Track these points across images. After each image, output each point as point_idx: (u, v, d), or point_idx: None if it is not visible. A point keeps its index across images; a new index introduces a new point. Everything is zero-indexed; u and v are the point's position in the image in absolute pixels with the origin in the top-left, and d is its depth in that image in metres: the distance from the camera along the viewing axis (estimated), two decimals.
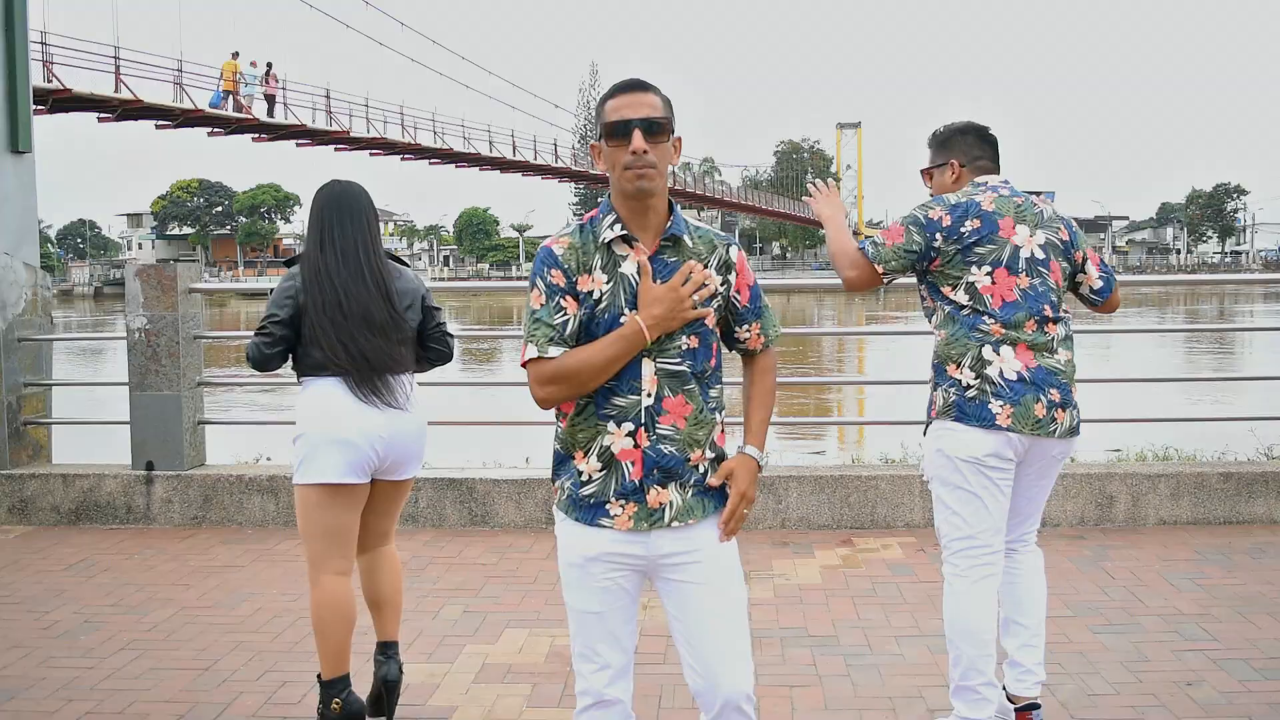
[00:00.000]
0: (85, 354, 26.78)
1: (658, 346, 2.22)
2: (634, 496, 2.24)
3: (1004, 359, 3.05)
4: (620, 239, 2.25)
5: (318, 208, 3.32)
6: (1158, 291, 51.42)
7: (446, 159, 50.36)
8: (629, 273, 2.23)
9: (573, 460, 2.29)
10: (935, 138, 3.40)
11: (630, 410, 2.22)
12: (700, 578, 2.28)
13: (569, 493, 2.30)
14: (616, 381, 2.22)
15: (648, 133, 2.20)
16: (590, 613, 2.31)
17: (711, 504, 2.30)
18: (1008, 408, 3.02)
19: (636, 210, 2.24)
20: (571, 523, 2.30)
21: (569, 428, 2.28)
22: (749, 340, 2.40)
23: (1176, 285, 61.29)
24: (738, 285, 2.33)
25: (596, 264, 2.24)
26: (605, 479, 2.25)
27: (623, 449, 2.23)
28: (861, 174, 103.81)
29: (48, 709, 3.54)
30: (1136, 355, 22.07)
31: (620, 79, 2.28)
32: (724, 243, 2.33)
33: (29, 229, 12.43)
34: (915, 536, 5.43)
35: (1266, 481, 5.57)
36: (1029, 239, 3.14)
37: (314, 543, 3.26)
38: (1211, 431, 7.56)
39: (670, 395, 2.23)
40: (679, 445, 2.24)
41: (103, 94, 32.40)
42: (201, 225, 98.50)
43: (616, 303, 2.22)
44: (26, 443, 6.27)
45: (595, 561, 2.28)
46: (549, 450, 2.41)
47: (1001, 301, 3.08)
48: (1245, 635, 4.01)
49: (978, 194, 3.19)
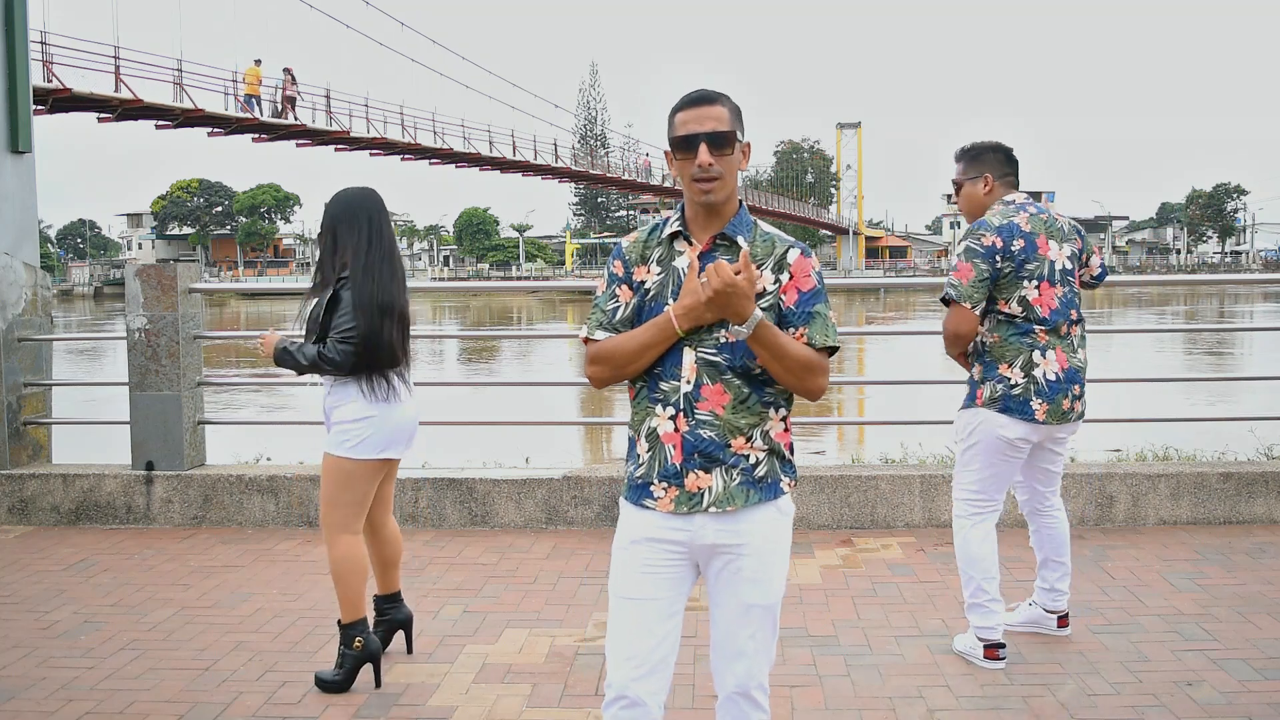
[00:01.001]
0: (85, 354, 26.78)
1: (697, 337, 2.29)
2: (674, 480, 2.31)
3: (1048, 361, 3.67)
4: (678, 235, 2.36)
5: (357, 209, 3.66)
6: (1158, 291, 51.41)
7: (446, 159, 50.34)
8: (680, 267, 2.33)
9: (636, 443, 2.38)
10: (967, 153, 3.84)
11: (672, 395, 2.31)
12: (740, 570, 2.34)
13: (629, 474, 2.40)
14: (662, 367, 2.31)
15: (714, 146, 2.27)
16: (629, 599, 2.34)
17: (757, 494, 2.33)
18: (1044, 405, 3.67)
19: (702, 213, 2.35)
20: (626, 504, 2.40)
21: (632, 410, 2.40)
22: None
23: (1176, 285, 61.26)
24: (786, 287, 2.34)
25: (655, 256, 2.37)
26: (651, 460, 2.33)
27: (665, 432, 2.32)
28: (861, 174, 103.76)
29: (48, 709, 3.54)
30: (1136, 355, 22.09)
31: (689, 91, 2.34)
32: (785, 245, 2.38)
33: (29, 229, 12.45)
34: (915, 536, 5.44)
35: (1266, 481, 5.57)
36: (1059, 252, 3.71)
37: (344, 508, 3.67)
38: (1211, 431, 7.57)
39: (709, 383, 2.29)
40: (719, 431, 2.29)
41: (103, 94, 32.38)
42: (201, 225, 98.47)
43: (663, 294, 2.33)
44: (26, 443, 6.27)
45: (640, 544, 2.34)
46: (549, 450, 2.44)
47: (1048, 310, 3.66)
48: (1245, 635, 4.01)
49: (1013, 214, 3.70)
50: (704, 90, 2.33)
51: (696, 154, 2.27)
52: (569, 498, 5.73)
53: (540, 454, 7.35)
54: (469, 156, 50.77)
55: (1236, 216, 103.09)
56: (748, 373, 2.30)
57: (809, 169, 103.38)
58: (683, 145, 2.28)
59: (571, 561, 5.12)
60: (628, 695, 2.30)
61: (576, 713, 3.46)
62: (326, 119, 40.96)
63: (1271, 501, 5.56)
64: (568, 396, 16.85)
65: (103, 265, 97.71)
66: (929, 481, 5.60)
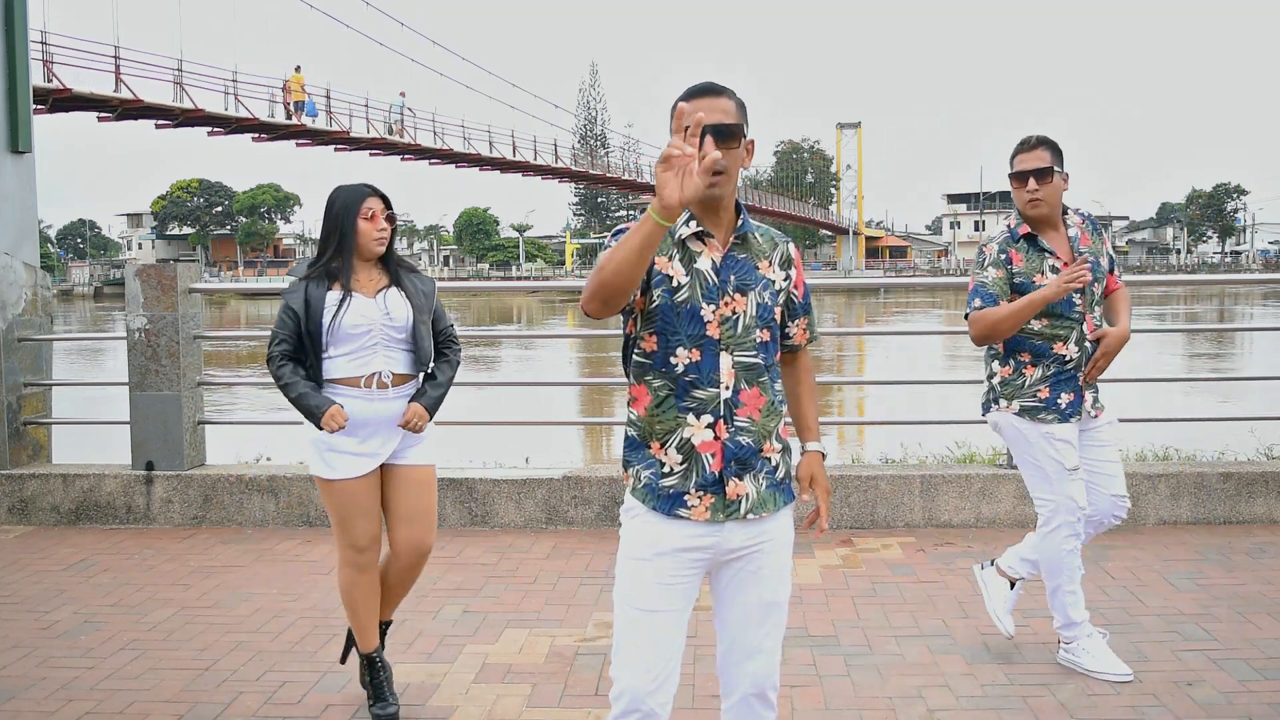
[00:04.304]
0: (85, 354, 26.79)
1: (734, 340, 2.26)
2: (713, 489, 2.27)
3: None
4: (695, 236, 2.28)
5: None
6: (1158, 292, 51.39)
7: (446, 159, 50.35)
8: (704, 269, 2.27)
9: (649, 449, 2.30)
10: (1056, 147, 3.67)
11: (710, 403, 2.26)
12: (758, 569, 2.33)
13: (648, 481, 2.29)
14: (697, 375, 2.26)
15: (719, 138, 2.18)
16: (645, 610, 2.27)
17: (782, 498, 2.35)
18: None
19: (708, 210, 2.29)
20: (647, 513, 2.29)
21: (647, 418, 2.30)
22: (796, 335, 2.47)
23: (1176, 285, 61.27)
24: (796, 280, 2.41)
25: (674, 255, 2.27)
26: (686, 471, 2.27)
27: (703, 441, 2.26)
28: (861, 174, 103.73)
29: (48, 709, 3.54)
30: (1136, 355, 22.07)
31: (694, 82, 2.28)
32: (784, 240, 2.42)
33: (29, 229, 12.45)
34: (915, 536, 5.43)
35: (1266, 481, 5.57)
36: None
37: None
38: (1211, 431, 7.57)
39: (746, 387, 2.28)
40: (754, 436, 2.29)
41: (103, 94, 32.39)
42: (201, 225, 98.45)
43: (695, 296, 2.26)
44: (26, 443, 6.27)
45: (665, 556, 2.27)
46: (548, 450, 2.44)
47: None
48: (1245, 635, 4.01)
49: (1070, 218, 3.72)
50: (710, 82, 2.26)
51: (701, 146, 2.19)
52: (569, 498, 5.73)
53: (540, 454, 7.35)
54: (469, 157, 50.76)
55: (1236, 216, 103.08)
56: (770, 368, 2.33)
57: (809, 169, 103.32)
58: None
59: (571, 561, 5.12)
60: (641, 709, 2.27)
61: (576, 713, 3.46)
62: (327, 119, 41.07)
63: (1271, 501, 5.56)
64: (568, 396, 16.85)
65: (103, 265, 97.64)
66: (929, 481, 5.60)
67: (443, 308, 3.59)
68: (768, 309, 2.31)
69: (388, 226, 3.43)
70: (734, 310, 2.27)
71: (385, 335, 3.36)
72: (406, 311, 3.38)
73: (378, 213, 3.39)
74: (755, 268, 2.31)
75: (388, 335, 3.36)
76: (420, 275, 3.53)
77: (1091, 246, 3.68)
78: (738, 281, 2.28)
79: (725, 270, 2.27)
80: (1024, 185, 3.59)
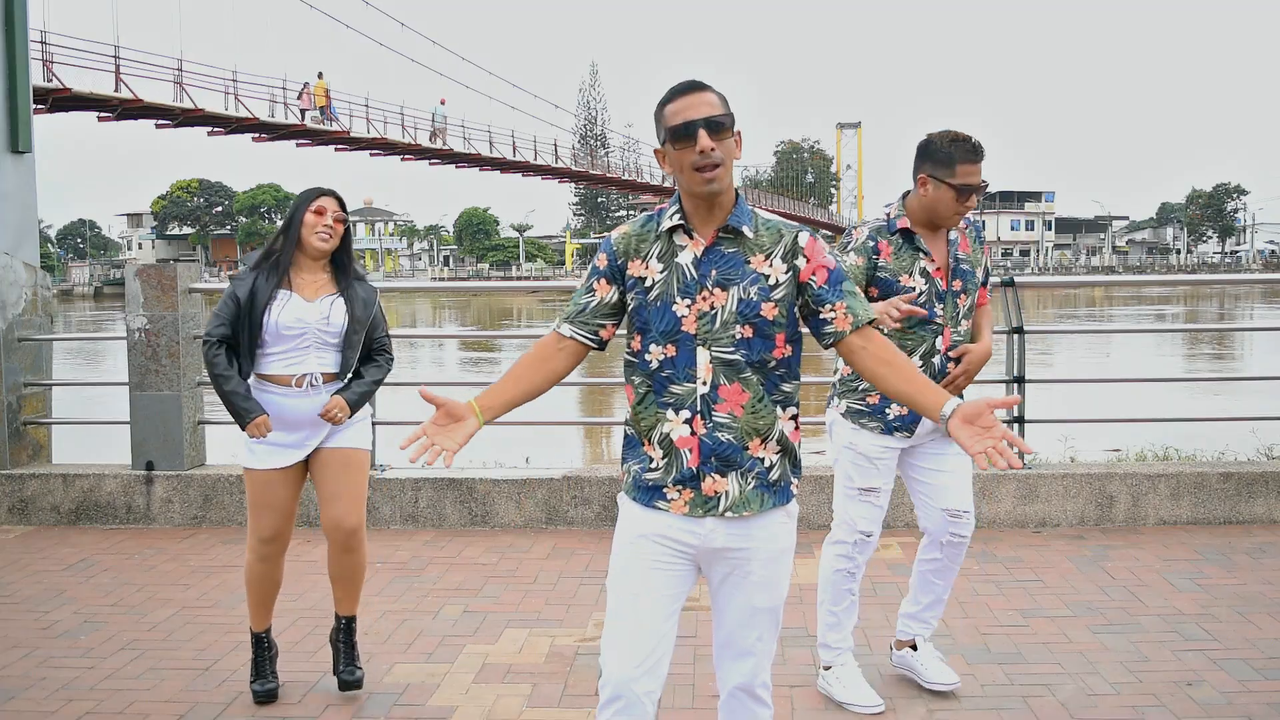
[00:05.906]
0: (85, 354, 26.78)
1: (711, 335, 2.24)
2: (690, 483, 2.27)
3: None
4: (679, 229, 2.28)
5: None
6: (1158, 292, 51.41)
7: (446, 159, 50.36)
8: (684, 263, 2.26)
9: (642, 446, 2.32)
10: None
11: (687, 398, 2.25)
12: (749, 574, 2.32)
13: (634, 475, 2.33)
14: (672, 370, 2.25)
15: (712, 131, 2.21)
16: (629, 594, 2.29)
17: (771, 499, 2.31)
18: None
19: (702, 205, 2.27)
20: (633, 504, 2.34)
21: (634, 415, 2.32)
22: (837, 321, 2.27)
23: (1176, 285, 61.26)
24: (811, 270, 2.28)
25: (654, 252, 2.28)
26: (667, 466, 2.28)
27: (680, 436, 2.26)
28: (861, 174, 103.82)
29: (48, 709, 3.54)
30: (1136, 355, 22.09)
31: (676, 82, 2.29)
32: (793, 231, 2.31)
33: (29, 229, 12.46)
34: (915, 536, 5.43)
35: (1266, 481, 5.57)
36: None
37: None
38: (1211, 431, 7.57)
39: (726, 383, 2.24)
40: (736, 433, 2.26)
41: (103, 94, 32.40)
42: (201, 225, 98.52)
43: (669, 291, 2.25)
44: (26, 443, 6.27)
45: (647, 539, 2.29)
46: (548, 450, 2.43)
47: None
48: (1245, 635, 4.01)
49: None
50: (692, 80, 2.27)
51: (696, 140, 2.20)
52: (569, 498, 5.73)
53: (540, 454, 7.35)
54: (469, 157, 50.78)
55: (1236, 216, 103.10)
56: (764, 366, 2.26)
57: (809, 169, 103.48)
58: (681, 133, 2.20)
59: (571, 561, 5.12)
60: (624, 696, 2.25)
61: (576, 713, 3.46)
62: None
63: (1271, 501, 5.56)
64: (568, 396, 16.84)
65: (103, 265, 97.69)
66: None
67: (382, 316, 3.69)
68: (752, 304, 2.24)
69: (335, 225, 3.53)
70: (712, 305, 2.24)
71: (319, 339, 3.50)
72: (344, 319, 3.52)
73: (327, 209, 3.52)
74: (745, 262, 2.25)
75: (321, 339, 3.50)
76: (364, 284, 3.66)
77: (970, 255, 3.42)
78: (719, 276, 2.24)
79: (706, 264, 2.25)
80: (964, 200, 3.27)
